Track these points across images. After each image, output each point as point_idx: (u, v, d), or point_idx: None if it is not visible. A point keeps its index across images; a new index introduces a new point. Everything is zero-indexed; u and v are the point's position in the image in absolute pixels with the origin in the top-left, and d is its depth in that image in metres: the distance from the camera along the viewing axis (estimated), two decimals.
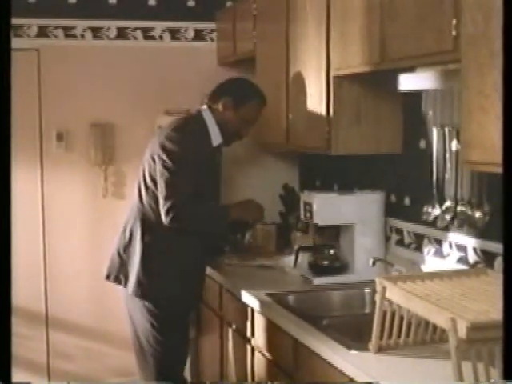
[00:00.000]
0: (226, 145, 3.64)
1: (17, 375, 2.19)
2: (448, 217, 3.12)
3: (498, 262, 2.92)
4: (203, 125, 3.53)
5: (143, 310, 3.51)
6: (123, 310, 3.68)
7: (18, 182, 3.98)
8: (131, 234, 3.53)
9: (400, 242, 3.67)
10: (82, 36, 4.87)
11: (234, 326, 3.86)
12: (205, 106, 3.60)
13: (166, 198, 3.35)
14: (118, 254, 3.60)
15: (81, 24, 4.85)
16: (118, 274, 3.59)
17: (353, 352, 2.63)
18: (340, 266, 3.73)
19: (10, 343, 1.99)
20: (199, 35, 5.05)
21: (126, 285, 3.55)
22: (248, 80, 3.72)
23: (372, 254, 3.58)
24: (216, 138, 3.54)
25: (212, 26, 5.06)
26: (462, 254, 3.18)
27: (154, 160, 3.46)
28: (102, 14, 4.88)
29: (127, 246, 3.55)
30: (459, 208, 3.04)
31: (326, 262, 3.76)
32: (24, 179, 4.57)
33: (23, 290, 4.35)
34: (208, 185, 3.50)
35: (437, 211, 3.18)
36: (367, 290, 3.50)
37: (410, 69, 2.95)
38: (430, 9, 2.60)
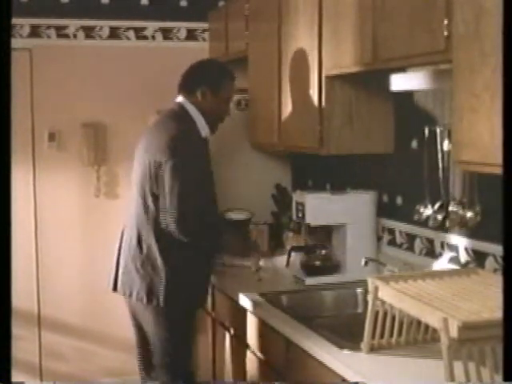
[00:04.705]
0: (212, 132, 3.56)
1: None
2: (440, 217, 3.12)
3: (489, 262, 2.93)
4: (190, 119, 3.46)
5: (160, 318, 3.40)
6: (120, 315, 3.60)
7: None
8: (148, 247, 3.38)
9: (392, 242, 3.68)
10: (75, 36, 4.87)
11: (226, 326, 3.86)
12: (182, 99, 3.51)
13: (177, 210, 3.25)
14: (136, 268, 3.43)
15: (73, 24, 4.86)
16: (139, 291, 3.42)
17: (345, 352, 2.63)
18: (332, 266, 3.73)
19: (9, 344, 1.99)
20: (191, 35, 5.06)
21: (149, 299, 3.40)
22: (212, 60, 3.70)
23: (364, 253, 3.58)
24: (204, 129, 3.48)
25: (204, 25, 5.07)
26: (454, 254, 3.18)
27: (158, 166, 3.32)
28: (95, 14, 4.88)
29: (145, 259, 3.39)
30: (451, 208, 3.04)
31: (318, 262, 3.76)
32: (16, 179, 4.57)
33: (15, 290, 4.35)
34: (208, 180, 3.45)
35: (428, 211, 3.19)
36: (359, 290, 3.50)
37: (402, 69, 2.96)
38: (422, 9, 2.60)
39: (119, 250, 3.57)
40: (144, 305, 3.43)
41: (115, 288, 3.57)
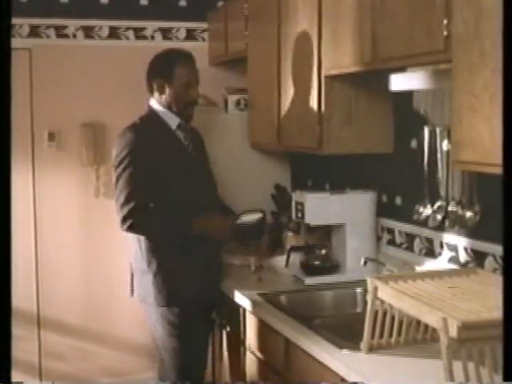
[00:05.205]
0: (187, 120, 3.57)
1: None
2: (439, 216, 3.12)
3: (489, 262, 2.93)
4: (155, 115, 3.52)
5: (161, 319, 3.45)
6: (120, 315, 3.62)
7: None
8: (140, 247, 3.46)
9: (391, 242, 3.68)
10: (74, 36, 4.87)
11: (225, 326, 3.86)
12: (151, 99, 3.57)
13: (121, 206, 3.33)
14: (135, 269, 3.54)
15: (73, 24, 4.85)
16: (140, 291, 3.52)
17: (344, 351, 2.64)
18: (331, 266, 3.73)
19: (9, 344, 1.99)
20: (191, 35, 5.06)
21: (143, 299, 3.50)
22: (162, 51, 3.62)
23: (363, 253, 3.58)
24: (173, 121, 3.51)
25: (204, 25, 5.07)
26: (453, 254, 3.19)
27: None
28: (94, 14, 4.87)
29: (140, 259, 3.48)
30: (450, 208, 3.04)
31: (317, 262, 3.76)
32: (15, 179, 4.57)
33: (15, 290, 4.35)
34: (180, 169, 3.46)
35: (428, 211, 3.18)
36: (359, 290, 3.51)
37: (402, 69, 2.96)
38: (422, 9, 2.60)
39: None
40: (145, 304, 3.49)
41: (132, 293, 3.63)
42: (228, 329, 3.83)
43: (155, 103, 3.53)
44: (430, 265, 3.33)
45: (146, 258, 3.43)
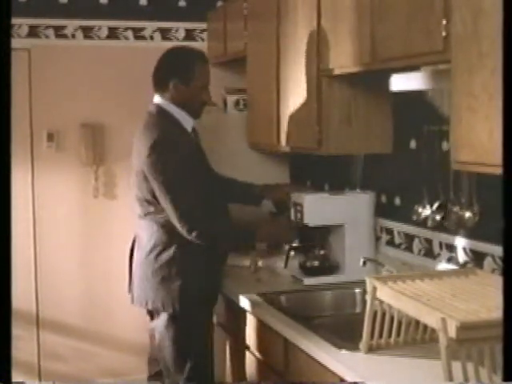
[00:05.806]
0: (197, 117, 3.46)
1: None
2: (438, 217, 3.12)
3: (488, 262, 2.93)
4: (172, 118, 3.36)
5: (173, 323, 3.35)
6: (119, 315, 3.59)
7: None
8: (159, 254, 3.33)
9: (390, 242, 3.68)
10: (73, 36, 4.87)
11: (225, 327, 3.86)
12: (158, 98, 3.41)
13: (181, 217, 3.19)
14: (147, 277, 3.37)
15: (72, 24, 4.85)
16: (154, 299, 3.37)
17: (343, 352, 2.64)
18: (330, 266, 3.73)
19: (9, 344, 1.99)
20: (190, 35, 5.06)
21: (164, 307, 3.36)
22: (177, 49, 3.55)
23: (362, 254, 3.58)
24: (187, 122, 3.39)
25: (203, 26, 5.07)
26: (452, 254, 3.19)
27: (145, 177, 3.28)
28: (93, 14, 4.88)
29: (158, 266, 3.33)
30: (449, 208, 3.04)
31: (316, 263, 3.76)
32: (14, 179, 4.56)
33: (14, 291, 4.34)
34: (203, 170, 3.41)
35: (427, 211, 3.19)
36: (358, 290, 3.51)
37: (401, 69, 2.96)
38: (420, 9, 2.60)
39: (131, 260, 3.54)
40: (158, 313, 3.38)
41: (133, 300, 3.49)
42: (228, 329, 3.83)
43: (166, 103, 3.37)
44: (429, 265, 3.33)
45: (176, 264, 3.30)
